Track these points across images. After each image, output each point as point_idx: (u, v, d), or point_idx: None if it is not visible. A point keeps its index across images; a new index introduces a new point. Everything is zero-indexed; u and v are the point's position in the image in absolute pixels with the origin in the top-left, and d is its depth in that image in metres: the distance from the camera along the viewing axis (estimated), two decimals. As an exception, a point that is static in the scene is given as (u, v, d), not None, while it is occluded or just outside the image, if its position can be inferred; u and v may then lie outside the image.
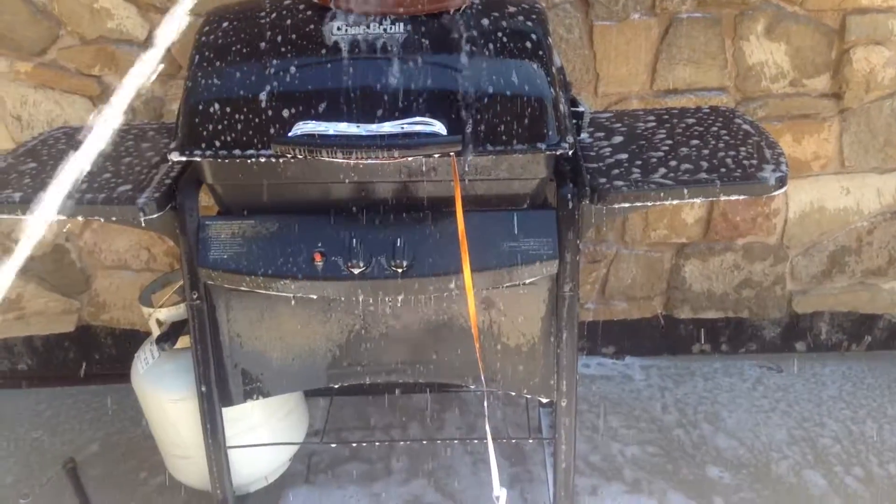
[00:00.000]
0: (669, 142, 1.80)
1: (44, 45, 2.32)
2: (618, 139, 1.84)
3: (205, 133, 1.54)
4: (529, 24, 1.60)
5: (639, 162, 1.71)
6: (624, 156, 1.74)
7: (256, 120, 1.53)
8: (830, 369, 2.71)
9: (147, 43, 2.30)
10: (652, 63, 2.34)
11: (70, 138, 1.95)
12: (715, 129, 1.85)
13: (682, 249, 2.60)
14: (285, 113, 1.51)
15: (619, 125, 1.92)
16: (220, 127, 1.53)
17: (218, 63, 1.56)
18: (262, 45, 1.56)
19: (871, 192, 2.53)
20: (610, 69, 2.34)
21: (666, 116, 1.95)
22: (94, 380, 2.71)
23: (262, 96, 1.52)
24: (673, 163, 1.68)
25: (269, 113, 1.52)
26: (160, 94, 2.35)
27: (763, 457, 2.33)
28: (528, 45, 1.55)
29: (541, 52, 1.55)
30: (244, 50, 1.57)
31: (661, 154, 1.74)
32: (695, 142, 1.78)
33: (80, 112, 2.38)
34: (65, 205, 1.63)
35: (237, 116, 1.53)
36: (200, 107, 1.54)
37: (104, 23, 2.28)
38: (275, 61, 1.54)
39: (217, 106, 1.53)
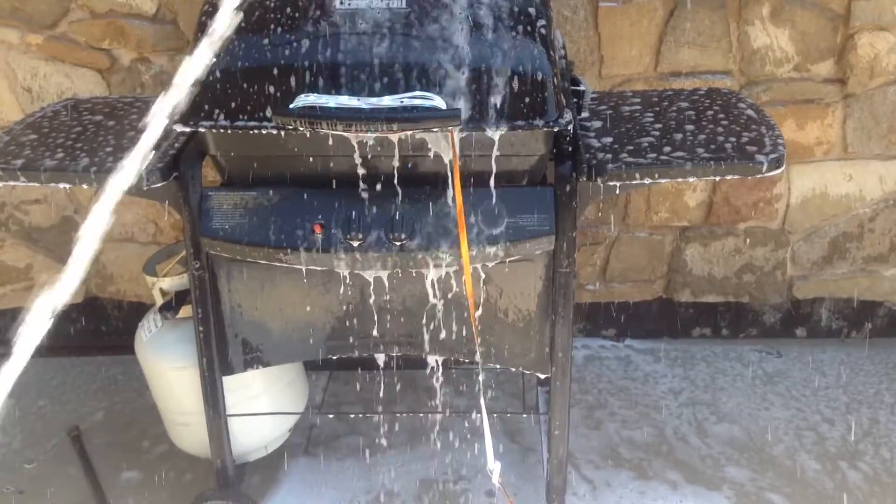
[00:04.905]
0: (660, 125, 1.81)
1: (55, 17, 2.34)
2: (605, 121, 1.86)
3: (208, 105, 1.56)
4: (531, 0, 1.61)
5: (632, 144, 1.72)
6: (609, 139, 1.76)
7: (259, 92, 1.55)
8: (830, 356, 2.72)
9: (156, 17, 2.32)
10: (656, 45, 2.35)
11: (72, 111, 1.98)
12: (711, 112, 1.86)
13: (684, 233, 2.62)
14: (287, 85, 1.53)
15: (603, 107, 1.93)
16: (223, 99, 1.56)
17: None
18: (265, 17, 1.58)
19: (874, 179, 2.53)
20: (614, 51, 2.35)
21: (656, 99, 1.97)
22: (100, 350, 2.75)
23: (265, 69, 1.54)
24: (667, 148, 1.69)
25: (272, 85, 1.55)
26: (168, 69, 2.37)
27: (760, 440, 2.34)
28: (529, 21, 1.57)
29: (541, 29, 1.57)
30: (248, 22, 1.59)
31: (657, 132, 1.76)
32: (689, 126, 1.80)
33: (89, 85, 2.41)
34: (68, 173, 1.66)
35: (240, 89, 1.55)
36: (205, 79, 1.56)
37: (114, -3, 2.32)
38: (277, 34, 1.56)
39: (220, 78, 1.56)
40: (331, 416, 2.42)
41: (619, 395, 2.54)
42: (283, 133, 1.57)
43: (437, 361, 1.89)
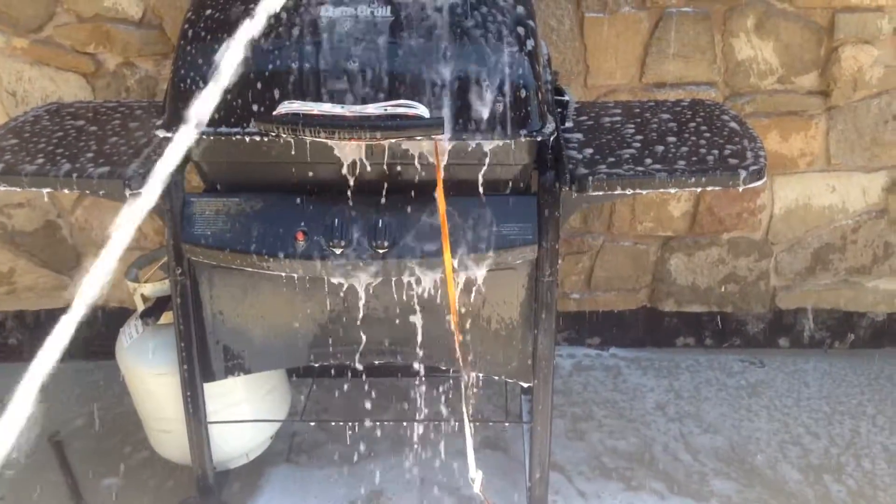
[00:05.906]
0: (641, 136, 1.82)
1: (40, 21, 2.34)
2: (587, 132, 1.86)
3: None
4: (515, 10, 1.61)
5: (613, 156, 1.73)
6: (591, 150, 1.76)
7: (242, 99, 1.55)
8: (813, 366, 2.73)
9: (142, 22, 2.32)
10: (642, 56, 2.36)
11: (54, 116, 1.97)
12: (694, 124, 1.87)
13: (668, 242, 2.62)
14: (271, 92, 1.53)
15: (584, 118, 1.94)
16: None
17: (206, 42, 1.58)
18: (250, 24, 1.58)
19: (857, 191, 2.55)
20: (600, 61, 2.36)
21: (638, 110, 1.98)
22: (81, 355, 2.73)
23: (248, 75, 1.54)
24: (648, 160, 1.69)
25: (255, 92, 1.54)
26: (154, 74, 2.37)
27: (743, 451, 2.35)
28: (514, 31, 1.57)
29: (526, 39, 1.57)
30: (232, 29, 1.58)
31: (638, 144, 1.77)
32: (671, 137, 1.80)
33: (74, 89, 2.40)
34: (52, 177, 1.65)
35: (223, 95, 1.55)
36: (187, 85, 1.56)
37: (100, 1, 2.30)
38: (261, 41, 1.56)
39: (204, 84, 1.55)
40: (312, 423, 2.41)
41: (604, 405, 2.54)
42: (265, 140, 1.57)
43: (420, 369, 1.88)
